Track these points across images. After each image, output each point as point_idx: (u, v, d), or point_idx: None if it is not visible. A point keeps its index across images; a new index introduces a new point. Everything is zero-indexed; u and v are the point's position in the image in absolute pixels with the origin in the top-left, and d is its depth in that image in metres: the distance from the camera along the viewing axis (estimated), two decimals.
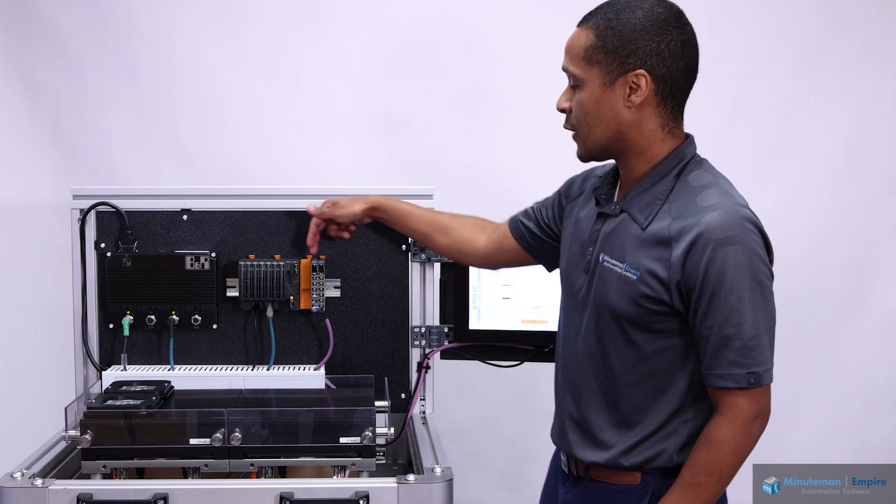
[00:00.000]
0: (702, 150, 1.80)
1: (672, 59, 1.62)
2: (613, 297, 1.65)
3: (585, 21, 1.67)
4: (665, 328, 1.63)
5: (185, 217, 2.21)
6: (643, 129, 1.65)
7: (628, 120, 1.64)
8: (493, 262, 2.08)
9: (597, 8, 1.67)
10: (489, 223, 2.11)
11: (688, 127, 1.77)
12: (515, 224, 2.01)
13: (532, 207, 2.01)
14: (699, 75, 1.74)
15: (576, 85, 1.67)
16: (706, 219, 1.56)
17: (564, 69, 1.68)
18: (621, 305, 1.64)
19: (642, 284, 1.61)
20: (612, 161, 1.77)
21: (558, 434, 1.82)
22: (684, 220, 1.59)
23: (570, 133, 1.73)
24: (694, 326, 1.61)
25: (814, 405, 3.14)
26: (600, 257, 1.69)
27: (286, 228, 2.21)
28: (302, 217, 2.20)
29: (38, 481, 1.71)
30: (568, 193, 1.91)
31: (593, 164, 1.84)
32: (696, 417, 1.66)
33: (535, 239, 1.98)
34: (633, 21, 1.60)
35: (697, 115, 3.00)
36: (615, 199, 1.74)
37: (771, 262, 1.63)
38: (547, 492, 1.94)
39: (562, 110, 1.71)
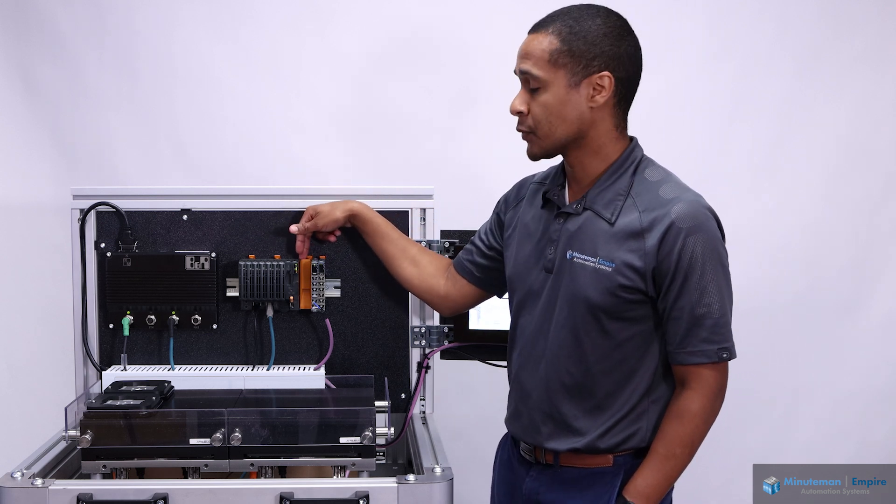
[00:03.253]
0: (702, 150, 1.81)
1: (629, 63, 1.73)
2: (589, 290, 1.73)
3: (543, 27, 1.75)
4: (636, 315, 1.73)
5: (185, 217, 2.21)
6: (600, 129, 1.75)
7: (589, 120, 1.74)
8: (450, 301, 2.12)
9: (550, 16, 1.76)
10: (450, 266, 2.15)
11: (688, 126, 1.79)
12: (460, 264, 2.09)
13: (471, 241, 2.08)
14: (699, 75, 1.77)
15: (536, 88, 1.74)
16: (675, 209, 1.68)
17: (523, 72, 1.76)
18: (597, 297, 1.72)
19: (619, 275, 1.70)
20: (548, 167, 1.90)
21: (524, 429, 1.87)
22: (653, 212, 1.69)
23: (517, 130, 1.81)
24: (664, 309, 1.71)
25: (814, 405, 3.14)
26: (568, 254, 1.77)
27: (286, 228, 2.21)
28: (295, 217, 2.19)
29: (38, 481, 1.71)
30: (505, 208, 2.00)
31: (523, 176, 1.97)
32: (664, 397, 1.77)
33: (480, 269, 2.05)
34: (595, 27, 1.71)
35: (698, 116, 3.04)
36: (567, 199, 1.82)
37: None
38: (501, 486, 1.98)
39: (518, 113, 1.78)
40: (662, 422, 1.74)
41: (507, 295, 2.08)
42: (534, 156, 1.82)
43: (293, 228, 2.16)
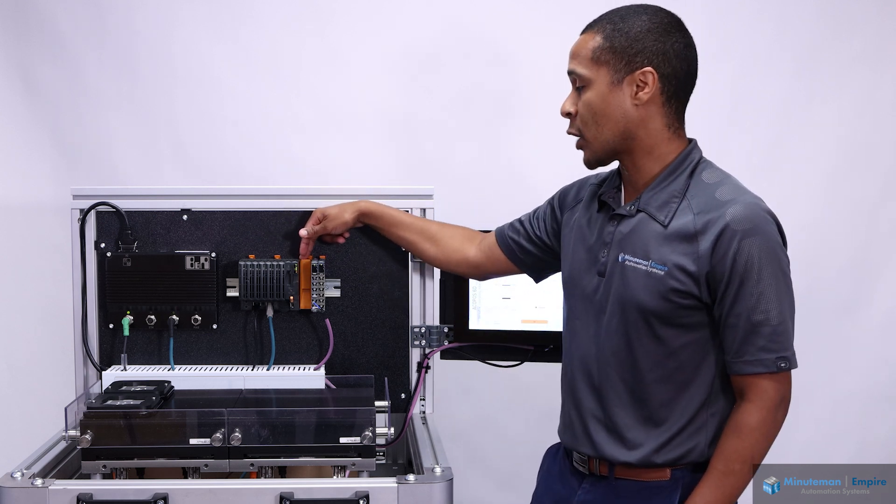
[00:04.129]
0: (702, 150, 1.82)
1: (676, 60, 1.69)
2: (641, 293, 1.68)
3: (591, 27, 1.73)
4: (691, 322, 1.68)
5: (185, 217, 2.21)
6: (650, 128, 1.71)
7: (636, 118, 1.70)
8: (482, 271, 2.11)
9: (600, 16, 1.73)
10: (477, 234, 2.15)
11: (688, 126, 1.79)
12: (503, 237, 2.06)
13: (520, 220, 2.05)
14: (699, 75, 1.75)
15: (582, 86, 1.72)
16: (730, 211, 1.62)
17: (570, 72, 1.73)
18: (649, 301, 1.67)
19: (671, 279, 1.65)
20: (605, 169, 1.84)
21: (576, 436, 1.82)
22: (708, 214, 1.64)
23: (568, 133, 1.78)
24: (720, 316, 1.65)
25: (814, 405, 3.14)
26: (620, 257, 1.73)
27: (286, 228, 2.21)
28: (301, 218, 2.20)
29: (38, 481, 1.71)
30: (563, 204, 1.96)
31: (587, 173, 1.90)
32: (723, 410, 1.71)
33: (523, 252, 2.02)
34: (639, 24, 1.68)
35: (697, 116, 3.01)
36: (623, 201, 1.78)
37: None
38: (546, 497, 1.93)
39: (567, 114, 1.75)
40: (721, 436, 1.68)
41: (543, 281, 2.07)
42: (588, 163, 1.77)
43: (302, 232, 2.15)
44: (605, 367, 1.75)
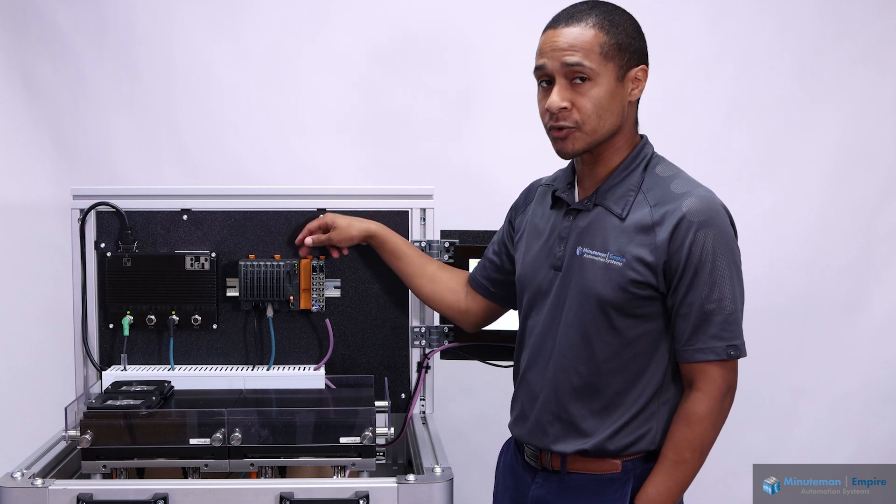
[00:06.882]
0: (700, 151, 1.82)
1: (647, 58, 1.75)
2: (599, 285, 1.71)
3: (578, 20, 1.69)
4: (647, 312, 1.71)
5: (185, 217, 2.21)
6: (628, 124, 1.76)
7: (625, 115, 1.74)
8: (470, 316, 2.10)
9: (580, 9, 1.71)
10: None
11: (688, 126, 1.79)
12: (475, 280, 2.08)
13: (485, 256, 2.07)
14: (699, 74, 1.77)
15: (582, 80, 1.67)
16: (686, 203, 1.66)
17: (572, 65, 1.67)
18: (607, 293, 1.70)
19: (629, 270, 1.68)
20: (556, 170, 1.90)
21: (530, 431, 1.84)
22: (664, 206, 1.68)
23: (555, 126, 1.72)
24: (673, 305, 1.69)
25: (814, 405, 3.14)
26: (578, 251, 1.75)
27: (286, 228, 2.21)
28: (301, 218, 2.20)
29: (38, 481, 1.71)
30: (515, 214, 1.99)
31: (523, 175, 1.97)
32: (674, 399, 1.74)
33: (496, 285, 2.04)
34: (629, 22, 1.72)
35: (697, 116, 3.04)
36: (577, 196, 1.80)
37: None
38: (505, 493, 1.95)
39: (561, 109, 1.69)
40: (671, 426, 1.71)
41: None
42: (575, 152, 1.73)
43: (308, 240, 2.15)
44: (562, 361, 1.77)
